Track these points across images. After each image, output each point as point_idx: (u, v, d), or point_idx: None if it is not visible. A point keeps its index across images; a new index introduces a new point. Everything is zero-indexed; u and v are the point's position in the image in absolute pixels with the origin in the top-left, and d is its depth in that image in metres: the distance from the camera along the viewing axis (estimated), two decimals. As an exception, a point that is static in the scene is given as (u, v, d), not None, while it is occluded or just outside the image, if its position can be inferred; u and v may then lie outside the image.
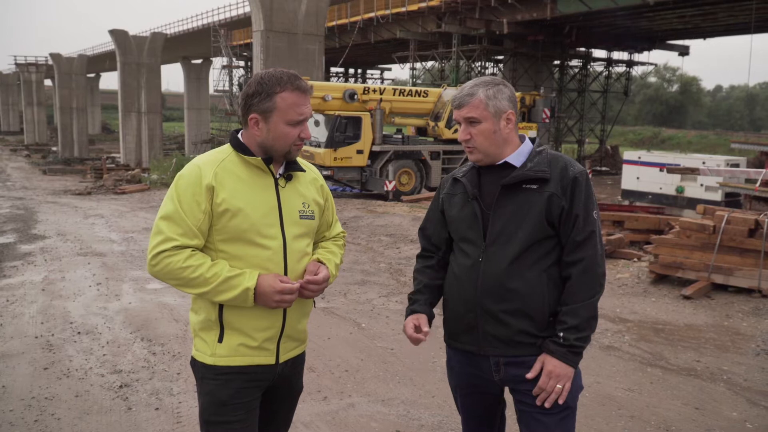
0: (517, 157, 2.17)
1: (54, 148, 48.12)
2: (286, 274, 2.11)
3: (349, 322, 5.84)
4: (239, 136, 2.18)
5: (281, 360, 2.18)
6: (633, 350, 5.16)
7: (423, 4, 27.80)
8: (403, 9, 28.82)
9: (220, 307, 2.08)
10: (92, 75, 72.78)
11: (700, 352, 5.13)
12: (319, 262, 2.23)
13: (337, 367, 4.71)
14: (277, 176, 2.15)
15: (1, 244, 9.86)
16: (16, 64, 58.13)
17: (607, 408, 4.05)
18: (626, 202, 16.04)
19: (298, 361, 2.30)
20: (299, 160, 2.25)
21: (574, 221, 2.08)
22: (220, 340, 2.10)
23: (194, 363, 2.17)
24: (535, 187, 2.10)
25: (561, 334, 2.05)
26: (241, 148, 2.12)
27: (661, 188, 16.23)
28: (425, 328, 2.22)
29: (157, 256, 2.01)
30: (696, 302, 6.39)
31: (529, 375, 2.08)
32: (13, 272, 7.87)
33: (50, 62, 49.40)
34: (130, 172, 23.68)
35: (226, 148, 2.16)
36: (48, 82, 62.21)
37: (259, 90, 2.07)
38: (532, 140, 2.24)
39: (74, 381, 4.41)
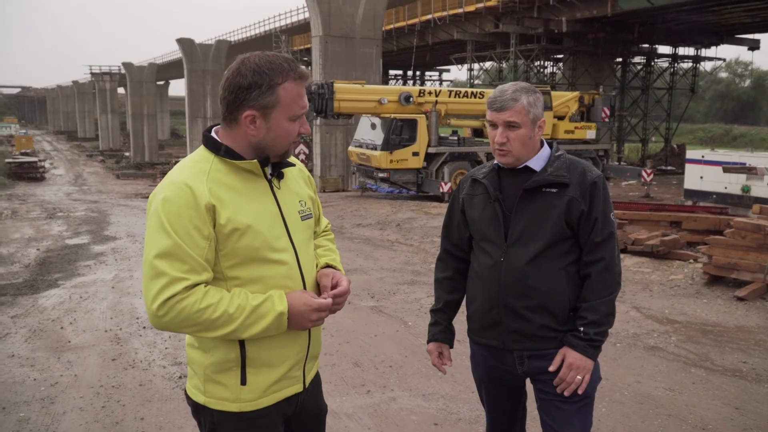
0: (537, 161, 2.28)
1: (126, 153, 50.37)
2: (305, 287, 1.86)
3: (397, 320, 6.02)
4: (215, 136, 1.81)
5: (307, 383, 1.96)
6: (678, 351, 5.14)
7: (480, 5, 27.73)
8: (461, 10, 28.83)
9: (241, 342, 1.77)
10: (161, 82, 75.80)
11: (749, 353, 5.06)
12: (329, 266, 1.99)
13: (382, 363, 4.90)
14: (269, 177, 1.84)
15: (77, 245, 10.56)
16: (92, 73, 61.04)
17: (645, 406, 4.09)
18: (689, 203, 15.58)
19: (317, 379, 2.07)
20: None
21: (593, 223, 2.19)
22: (243, 382, 1.78)
23: (204, 411, 1.83)
24: (554, 190, 2.21)
25: (581, 329, 2.17)
26: (227, 152, 1.76)
27: (726, 188, 15.68)
28: (448, 363, 2.46)
29: (166, 304, 1.63)
30: (749, 304, 6.26)
31: (551, 368, 2.20)
32: (86, 271, 8.44)
33: (123, 71, 51.73)
34: (196, 175, 24.57)
35: (204, 154, 1.79)
36: (121, 90, 65.10)
37: (258, 81, 1.70)
38: (550, 144, 2.36)
39: (139, 371, 4.76)
